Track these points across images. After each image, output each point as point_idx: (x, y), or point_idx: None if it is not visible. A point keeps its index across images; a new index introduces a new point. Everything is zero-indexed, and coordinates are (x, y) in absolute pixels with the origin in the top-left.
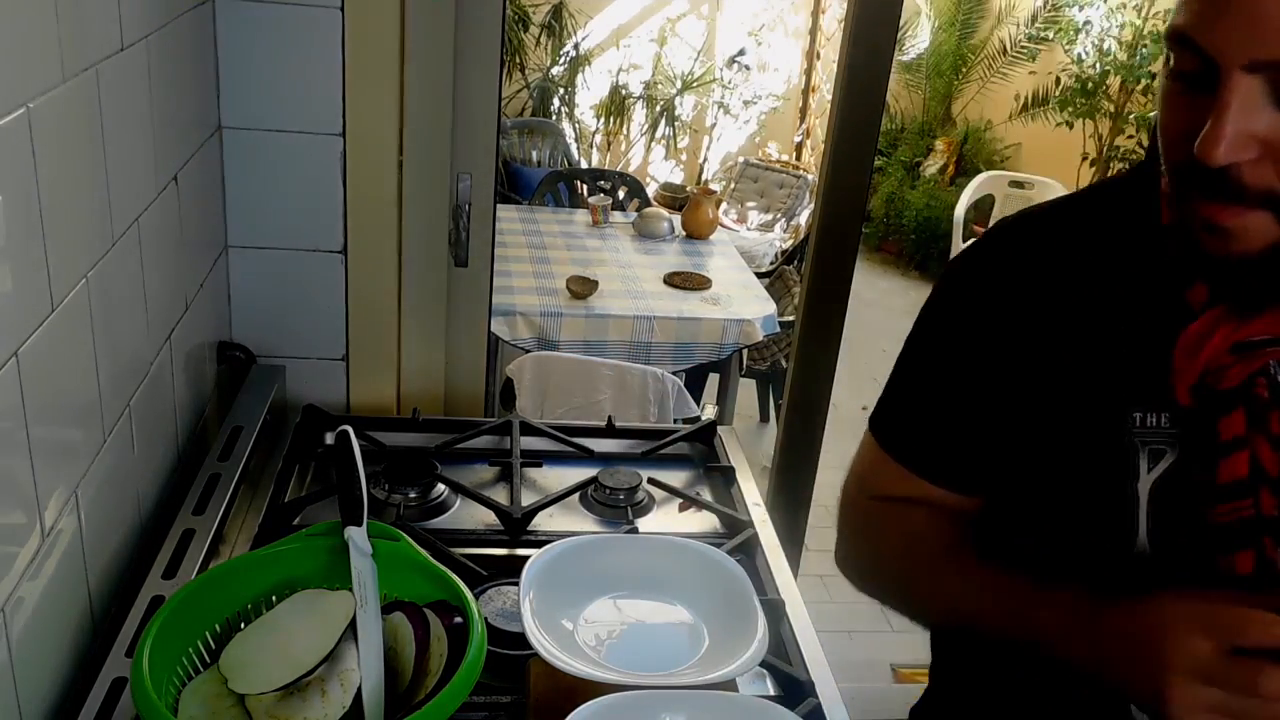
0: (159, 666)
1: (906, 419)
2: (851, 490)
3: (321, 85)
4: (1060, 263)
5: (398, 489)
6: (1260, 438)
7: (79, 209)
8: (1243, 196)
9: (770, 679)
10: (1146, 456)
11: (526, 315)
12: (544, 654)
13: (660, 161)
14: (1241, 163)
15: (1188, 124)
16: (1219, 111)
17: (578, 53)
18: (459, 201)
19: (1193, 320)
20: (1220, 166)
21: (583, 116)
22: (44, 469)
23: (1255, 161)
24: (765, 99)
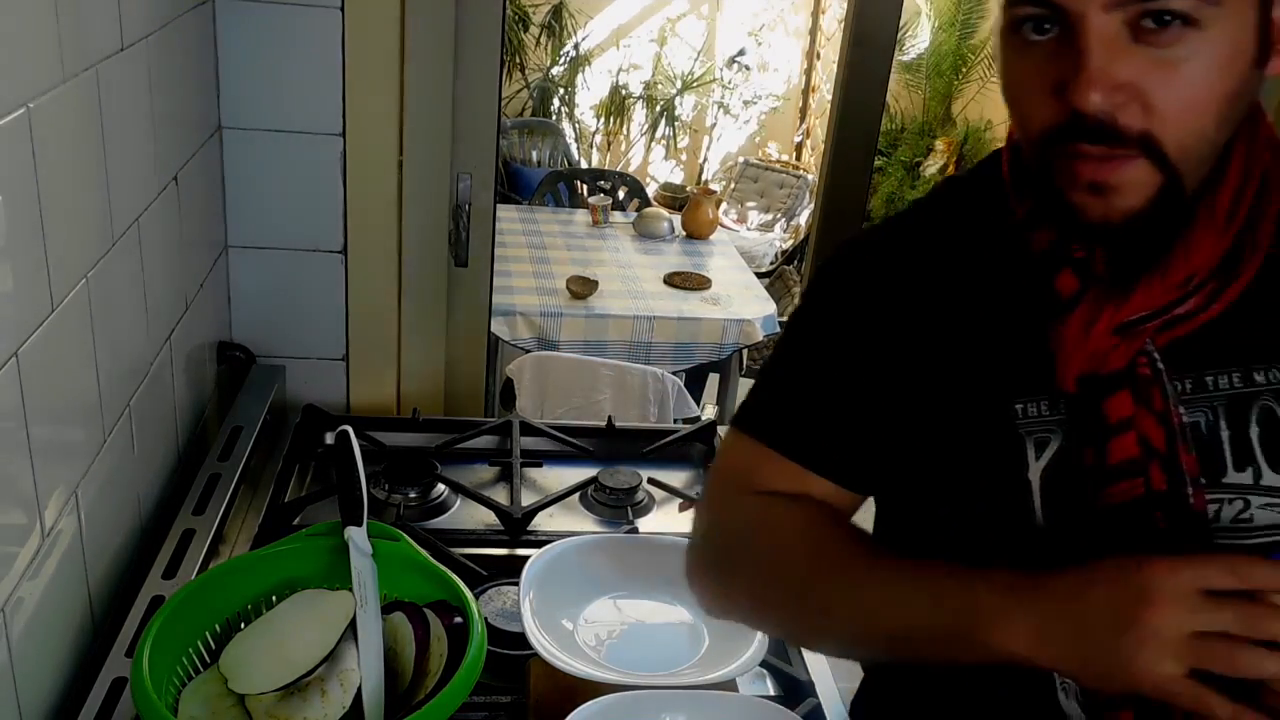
0: (159, 666)
1: (793, 414)
2: (723, 490)
3: (321, 85)
4: (928, 262)
5: (398, 489)
6: (1146, 416)
7: (79, 209)
8: (1121, 140)
9: (770, 679)
10: (1033, 445)
11: (526, 315)
12: (544, 654)
13: (660, 161)
14: (1114, 107)
15: (1047, 80)
16: (1084, 56)
17: (578, 53)
18: (459, 201)
19: (1063, 309)
20: (1097, 114)
21: (583, 116)
22: (44, 469)
23: (1124, 105)
24: (765, 99)
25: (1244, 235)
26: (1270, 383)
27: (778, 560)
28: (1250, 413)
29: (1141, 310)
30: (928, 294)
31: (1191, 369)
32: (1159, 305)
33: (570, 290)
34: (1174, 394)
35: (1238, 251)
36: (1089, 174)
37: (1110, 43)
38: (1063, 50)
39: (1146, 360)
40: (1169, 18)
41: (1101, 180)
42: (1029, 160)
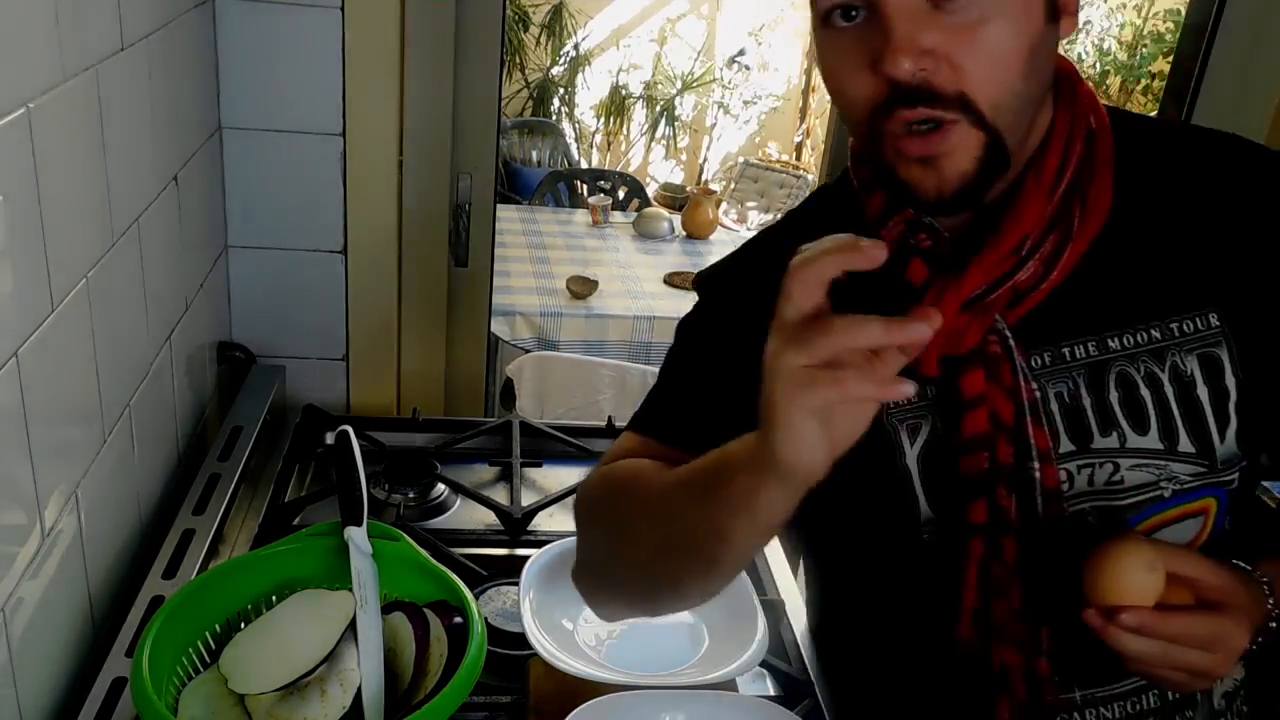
0: (159, 666)
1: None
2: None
3: (321, 85)
4: None
5: (398, 489)
6: (997, 392)
7: (79, 209)
8: (939, 100)
9: (770, 679)
10: (906, 432)
11: (526, 315)
12: (544, 654)
13: (660, 161)
14: (927, 72)
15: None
16: (888, 28)
17: (578, 53)
18: (459, 201)
19: (916, 297)
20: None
21: (583, 116)
22: (44, 469)
23: (935, 69)
24: (765, 99)
25: (1071, 196)
26: (1124, 348)
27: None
28: (1108, 379)
29: (981, 284)
30: None
31: (1049, 342)
32: (996, 276)
33: (570, 290)
34: (1024, 370)
35: (1067, 212)
36: (917, 149)
37: (912, 14)
38: (871, 30)
39: (996, 338)
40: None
41: (929, 152)
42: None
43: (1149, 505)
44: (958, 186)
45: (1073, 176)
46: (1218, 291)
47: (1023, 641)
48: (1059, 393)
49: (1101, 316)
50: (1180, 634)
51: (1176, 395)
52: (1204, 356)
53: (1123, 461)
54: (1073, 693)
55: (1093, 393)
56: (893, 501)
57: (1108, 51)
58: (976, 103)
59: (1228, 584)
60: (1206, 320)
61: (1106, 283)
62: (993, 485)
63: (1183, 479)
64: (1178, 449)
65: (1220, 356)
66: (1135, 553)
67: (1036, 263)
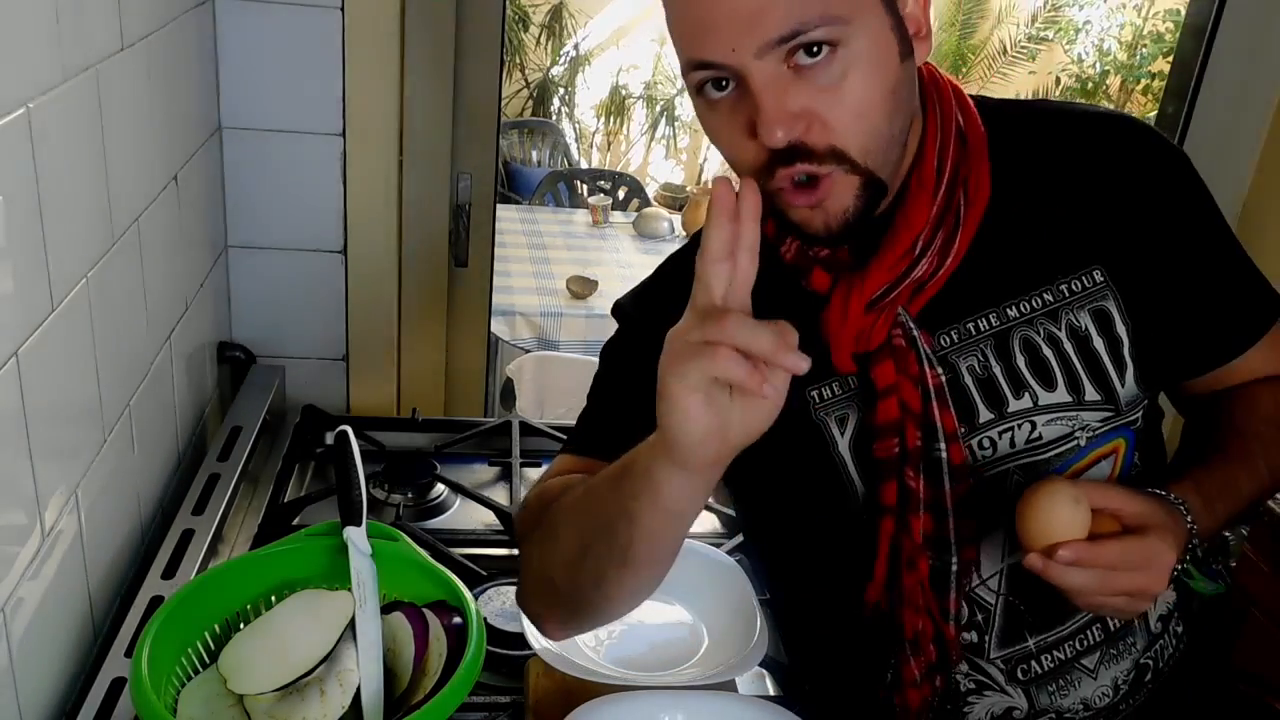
0: (158, 667)
1: (603, 429)
2: (529, 495)
3: (321, 85)
4: None
5: (397, 489)
6: (905, 381)
7: (79, 209)
8: (814, 157)
9: (770, 679)
10: (835, 423)
11: (526, 315)
12: (543, 654)
13: (660, 161)
14: (799, 133)
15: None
16: (759, 101)
17: (578, 53)
18: (459, 201)
19: (822, 302)
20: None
21: (583, 116)
22: (44, 469)
23: (807, 129)
24: None
25: (953, 191)
26: (1022, 314)
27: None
28: (1012, 345)
29: (882, 284)
30: None
31: (953, 320)
32: (895, 275)
33: (570, 290)
34: (929, 357)
35: (951, 206)
36: (801, 200)
37: (776, 84)
38: (742, 100)
39: (901, 331)
40: (815, 48)
41: (811, 203)
42: None
43: (1069, 455)
44: (843, 222)
45: (951, 174)
46: (1098, 250)
47: (931, 609)
48: (970, 366)
49: (997, 289)
50: (1114, 559)
51: (1076, 349)
52: (1094, 310)
53: (1038, 419)
54: (1026, 642)
55: (1001, 360)
56: (829, 489)
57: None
58: (849, 152)
59: (1147, 509)
60: (1091, 277)
61: (997, 258)
62: (901, 467)
63: (1093, 425)
64: (1084, 399)
65: (1109, 309)
66: (1059, 492)
67: (931, 256)
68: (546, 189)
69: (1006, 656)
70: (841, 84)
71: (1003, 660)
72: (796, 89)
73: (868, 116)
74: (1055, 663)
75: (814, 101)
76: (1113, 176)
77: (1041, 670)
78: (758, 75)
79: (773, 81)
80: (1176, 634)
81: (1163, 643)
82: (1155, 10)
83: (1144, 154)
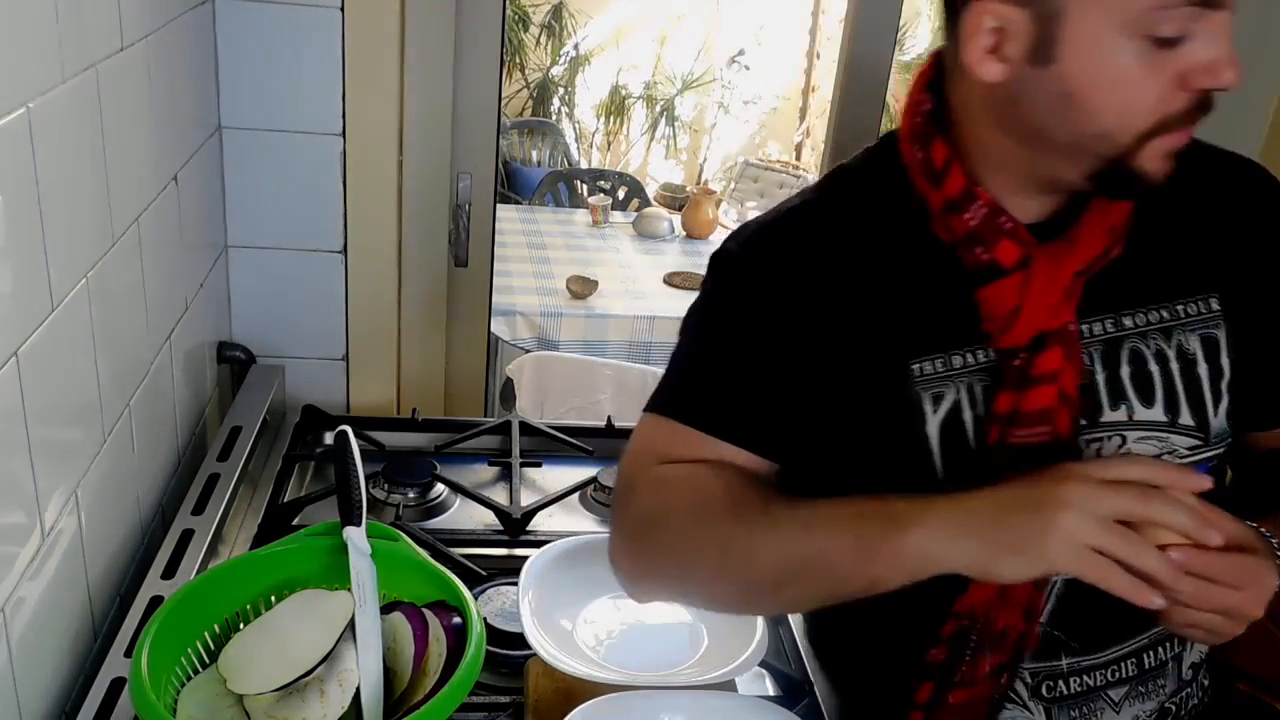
0: (158, 666)
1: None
2: (637, 469)
3: (321, 85)
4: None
5: (397, 489)
6: (1069, 369)
7: (79, 209)
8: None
9: (770, 679)
10: (930, 400)
11: (526, 315)
12: (543, 654)
13: (660, 161)
14: None
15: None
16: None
17: (578, 53)
18: (459, 201)
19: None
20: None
21: (583, 116)
22: (44, 469)
23: None
24: (765, 99)
25: None
26: (1136, 326)
27: (700, 517)
28: (1121, 354)
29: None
30: (829, 275)
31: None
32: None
33: (570, 290)
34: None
35: None
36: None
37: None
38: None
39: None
40: None
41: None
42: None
43: None
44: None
45: None
46: (1217, 279)
47: (1026, 607)
48: None
49: (1118, 297)
50: (1221, 571)
51: (1180, 371)
52: (1205, 337)
53: (1129, 434)
54: (1059, 660)
55: (1106, 368)
56: (908, 468)
57: None
58: None
59: (1249, 533)
60: (1208, 304)
61: (1124, 267)
62: (1041, 457)
63: (1182, 451)
64: (1179, 421)
65: (1219, 337)
66: None
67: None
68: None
69: (1036, 670)
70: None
71: (1031, 674)
72: None
73: None
74: (1083, 687)
75: None
76: (1239, 215)
77: (1067, 692)
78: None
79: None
80: (1203, 685)
81: (1189, 691)
82: None
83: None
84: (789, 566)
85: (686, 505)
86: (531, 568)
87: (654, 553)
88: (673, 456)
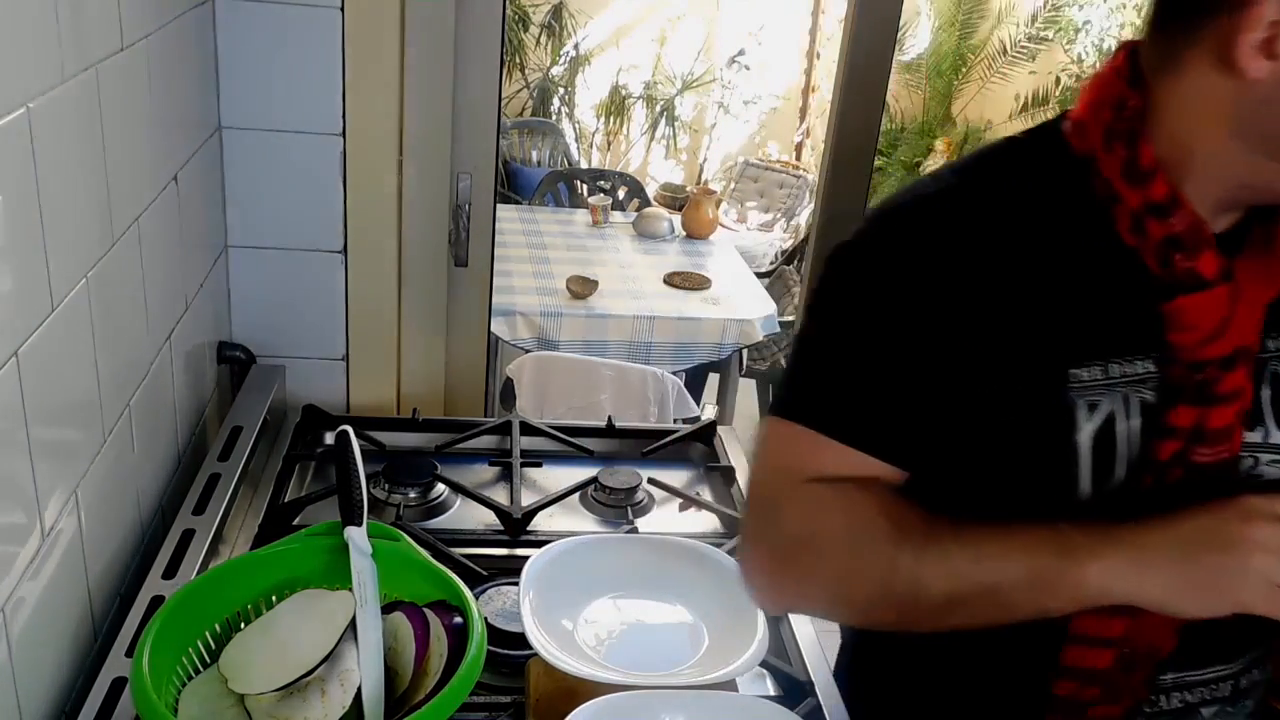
0: (159, 666)
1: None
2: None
3: (321, 85)
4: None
5: (398, 489)
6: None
7: (79, 209)
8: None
9: (770, 679)
10: (1085, 408)
11: (526, 315)
12: (544, 654)
13: (660, 161)
14: None
15: None
16: None
17: (578, 53)
18: (459, 201)
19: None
20: None
21: (583, 116)
22: (44, 469)
23: None
24: (765, 99)
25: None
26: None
27: (859, 540)
28: (1264, 376)
29: None
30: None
31: None
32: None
33: (570, 290)
34: None
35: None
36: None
37: None
38: None
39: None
40: None
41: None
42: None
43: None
44: None
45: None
46: None
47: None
48: None
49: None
50: None
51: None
52: None
53: (1262, 456)
54: (1165, 675)
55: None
56: (1051, 477)
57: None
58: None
59: None
60: None
61: None
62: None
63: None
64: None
65: None
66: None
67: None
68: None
69: None
70: None
71: None
72: None
73: None
74: (1182, 704)
75: None
76: None
77: (1167, 708)
78: None
79: None
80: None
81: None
82: None
83: None
84: (957, 597)
85: (844, 531)
86: (532, 568)
87: (808, 577)
88: (817, 472)
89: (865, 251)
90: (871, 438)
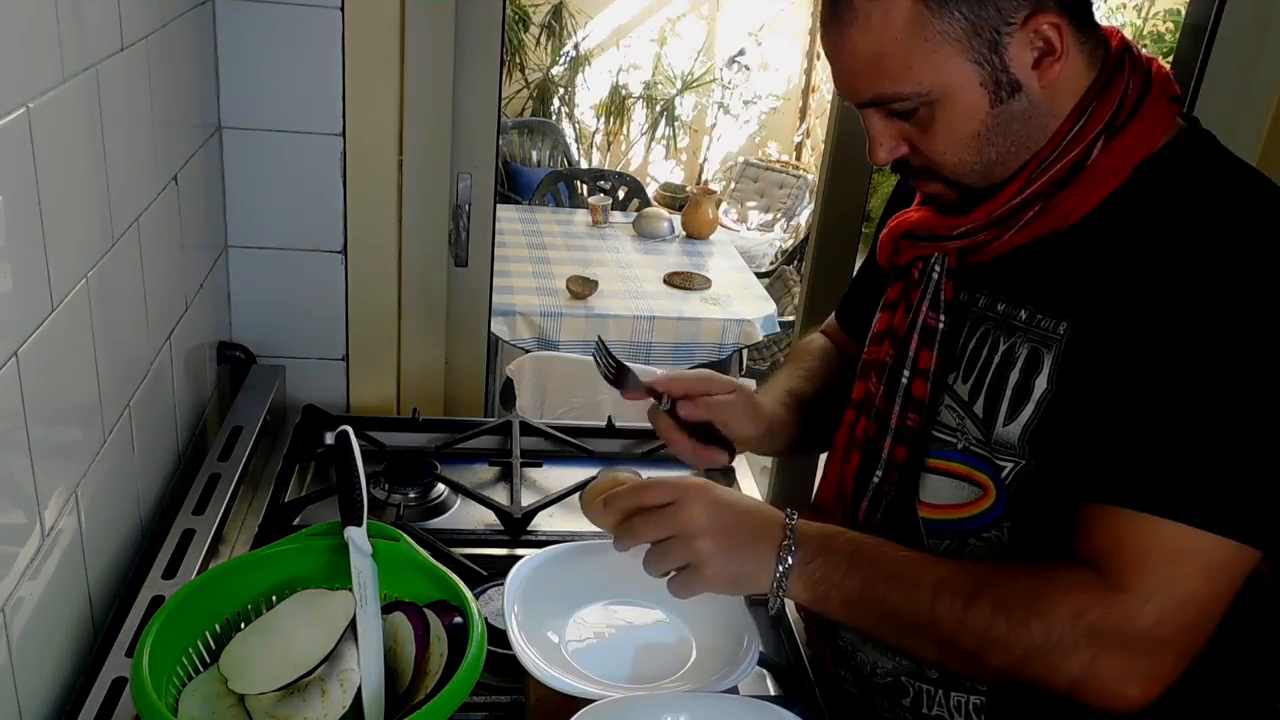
0: (159, 666)
1: None
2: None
3: (321, 85)
4: None
5: (398, 489)
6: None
7: (79, 209)
8: (913, 171)
9: (770, 679)
10: None
11: (526, 315)
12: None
13: (660, 161)
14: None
15: None
16: (867, 131)
17: (578, 53)
18: (459, 201)
19: None
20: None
21: (583, 116)
22: (44, 469)
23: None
24: (765, 99)
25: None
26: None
27: None
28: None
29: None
30: None
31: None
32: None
33: (570, 290)
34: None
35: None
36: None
37: (878, 123)
38: None
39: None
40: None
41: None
42: None
43: (947, 447)
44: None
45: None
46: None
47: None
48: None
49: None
50: None
51: (997, 366)
52: (1033, 350)
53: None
54: None
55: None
56: None
57: None
58: (942, 170)
59: None
60: (1057, 327)
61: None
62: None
63: (971, 438)
64: (973, 409)
65: (1044, 358)
66: None
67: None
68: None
69: None
70: (931, 126)
71: None
72: (894, 127)
73: (958, 150)
74: None
75: (910, 134)
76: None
77: None
78: (865, 115)
79: (874, 119)
80: None
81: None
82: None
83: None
84: None
85: None
86: (514, 580)
87: None
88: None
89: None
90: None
